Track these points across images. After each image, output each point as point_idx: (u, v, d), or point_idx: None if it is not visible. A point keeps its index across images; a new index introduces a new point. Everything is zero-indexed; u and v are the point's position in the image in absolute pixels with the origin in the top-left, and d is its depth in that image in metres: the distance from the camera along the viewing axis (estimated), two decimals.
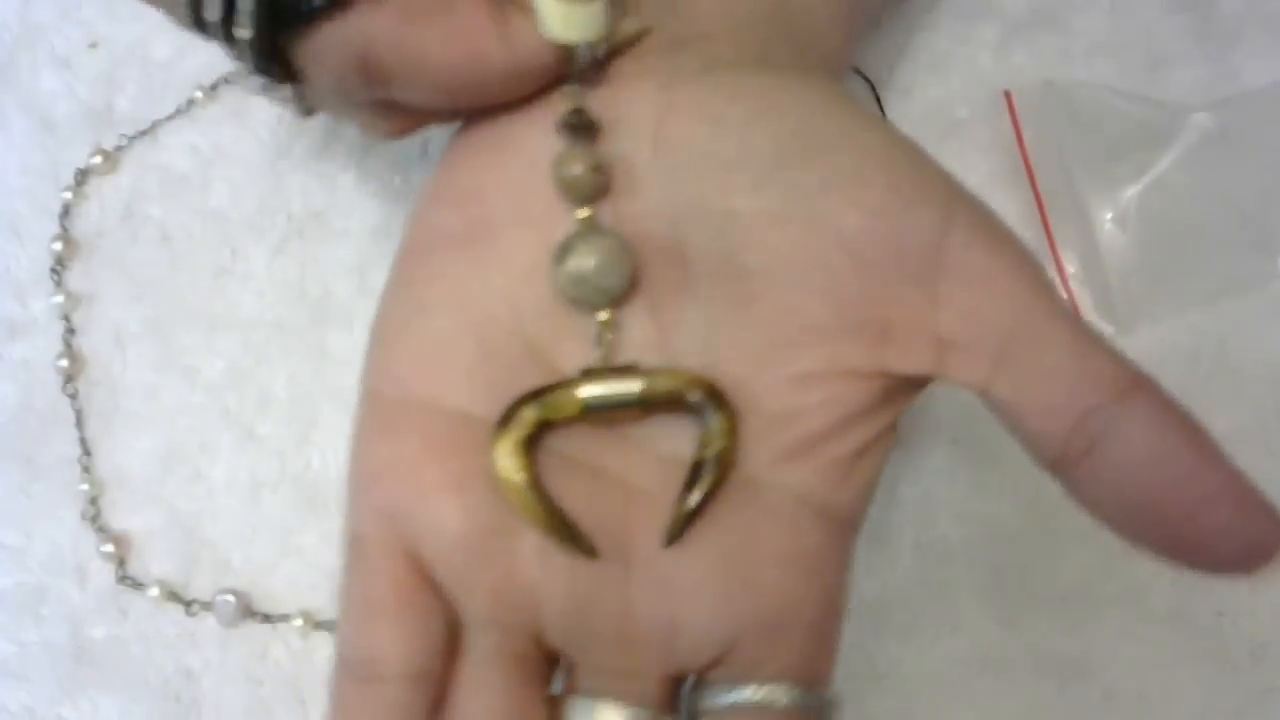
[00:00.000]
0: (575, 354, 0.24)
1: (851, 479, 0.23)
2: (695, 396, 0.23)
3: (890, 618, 0.32)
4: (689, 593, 0.23)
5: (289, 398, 0.34)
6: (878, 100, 0.35)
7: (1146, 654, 0.32)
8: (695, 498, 0.23)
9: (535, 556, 0.23)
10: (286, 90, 0.24)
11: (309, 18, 0.22)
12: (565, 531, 0.23)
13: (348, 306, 0.34)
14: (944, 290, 0.22)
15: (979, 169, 0.35)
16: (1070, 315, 0.22)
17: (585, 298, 0.23)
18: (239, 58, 0.23)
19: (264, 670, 0.33)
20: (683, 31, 0.25)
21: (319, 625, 0.33)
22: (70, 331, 0.34)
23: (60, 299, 0.34)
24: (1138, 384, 0.22)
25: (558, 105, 0.24)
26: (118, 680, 0.32)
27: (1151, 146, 0.34)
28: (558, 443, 0.23)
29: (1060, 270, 0.34)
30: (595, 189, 0.23)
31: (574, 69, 0.24)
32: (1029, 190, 0.34)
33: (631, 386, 0.23)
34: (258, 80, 0.23)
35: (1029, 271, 0.23)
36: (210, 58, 0.36)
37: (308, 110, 0.25)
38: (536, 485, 0.23)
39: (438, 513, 0.23)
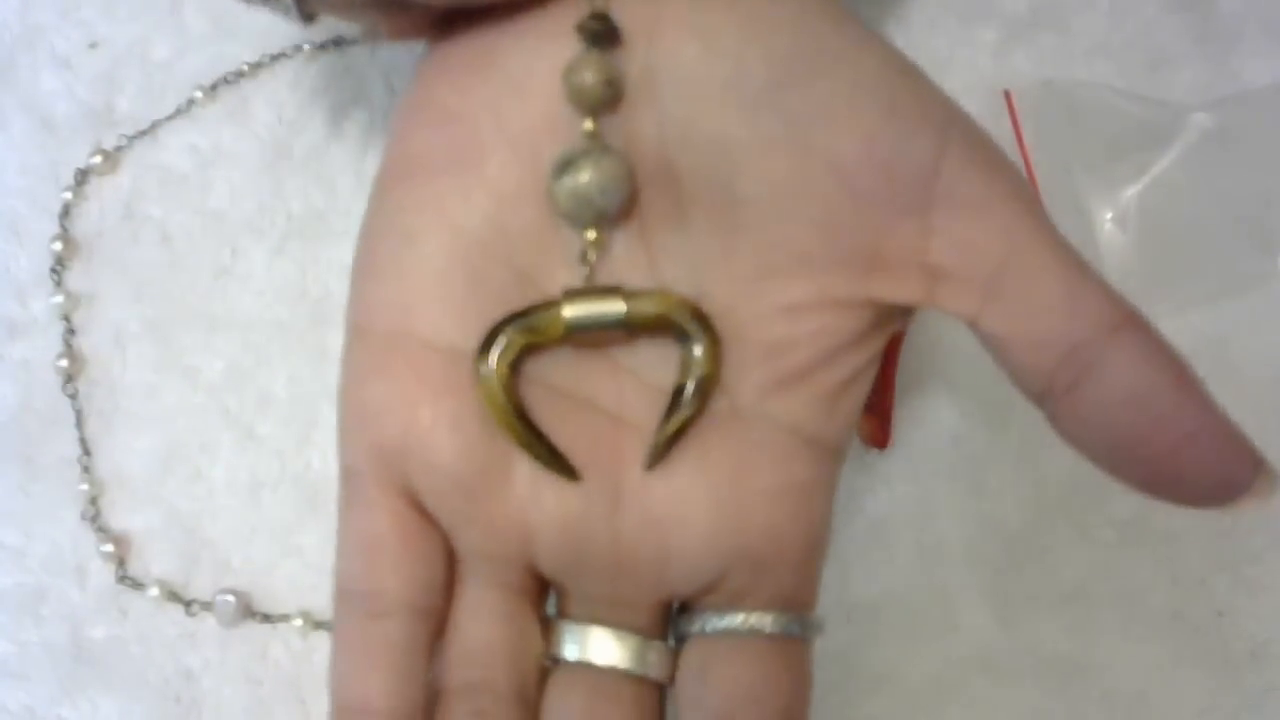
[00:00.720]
0: (566, 279, 0.23)
1: (839, 408, 0.23)
2: (681, 320, 0.23)
3: (890, 618, 0.32)
4: (679, 523, 0.23)
5: (289, 398, 0.34)
6: None
7: (1146, 654, 0.32)
8: (675, 423, 0.23)
9: (528, 490, 0.23)
10: None
11: None
12: (548, 454, 0.23)
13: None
14: (936, 219, 0.22)
15: None
16: (1063, 246, 0.22)
17: (579, 215, 0.23)
18: None
19: (264, 670, 0.33)
20: None
21: (319, 625, 0.33)
22: (70, 331, 0.34)
23: (60, 299, 0.34)
24: (1127, 320, 0.22)
25: (546, 18, 0.23)
26: (117, 680, 0.32)
27: (1151, 146, 0.34)
28: (546, 370, 0.23)
29: None
30: (605, 101, 0.22)
31: None
32: None
33: (615, 307, 0.22)
34: None
35: (1023, 200, 0.22)
36: (210, 58, 0.36)
37: (308, 16, 0.24)
38: (520, 410, 0.23)
39: (432, 450, 0.23)
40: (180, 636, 0.33)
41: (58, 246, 0.34)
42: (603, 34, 0.22)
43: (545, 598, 0.25)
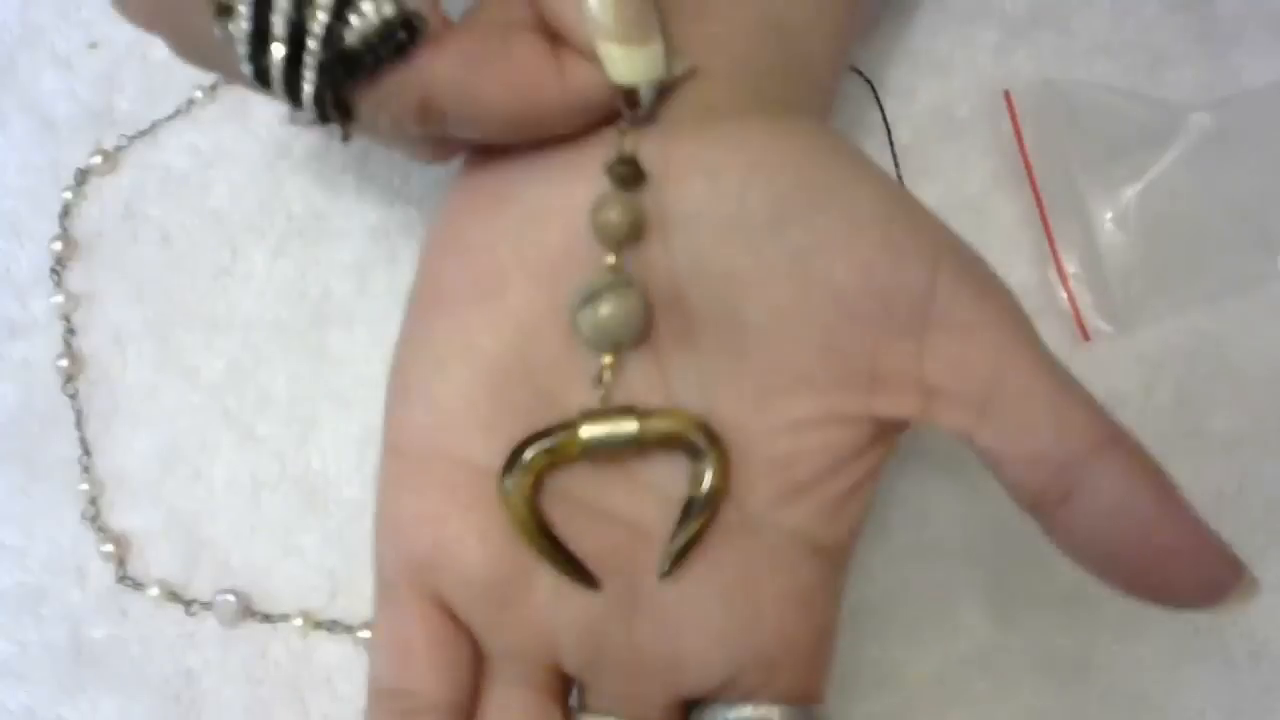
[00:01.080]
0: (584, 398, 0.25)
1: (843, 516, 0.25)
2: (691, 436, 0.24)
3: (890, 618, 0.32)
4: (692, 628, 0.25)
5: (289, 398, 0.34)
6: (878, 100, 0.35)
7: (1146, 654, 0.32)
8: (686, 533, 0.24)
9: (551, 597, 0.25)
10: (334, 125, 0.24)
11: (375, 68, 0.22)
12: (570, 566, 0.24)
13: (348, 306, 0.34)
14: (931, 340, 0.23)
15: (979, 169, 0.35)
16: (1053, 364, 0.24)
17: (600, 343, 0.24)
18: (297, 107, 0.23)
19: (264, 670, 0.33)
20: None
21: (319, 625, 0.33)
22: (70, 331, 0.34)
23: (60, 299, 0.34)
24: (1112, 438, 0.23)
25: (566, 153, 0.24)
26: (117, 680, 0.32)
27: (1151, 146, 0.34)
28: (565, 483, 0.25)
29: (1060, 270, 0.34)
30: (628, 238, 0.24)
31: (639, 110, 0.24)
32: (1029, 190, 0.34)
33: (629, 427, 0.24)
34: (306, 117, 0.23)
35: (1013, 320, 0.24)
36: None
37: (347, 137, 0.25)
38: (543, 524, 0.24)
39: (461, 560, 0.24)
40: (180, 636, 0.33)
41: (58, 246, 0.34)
42: (630, 177, 0.24)
43: (569, 691, 0.26)
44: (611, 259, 0.24)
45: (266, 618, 0.33)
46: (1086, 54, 0.35)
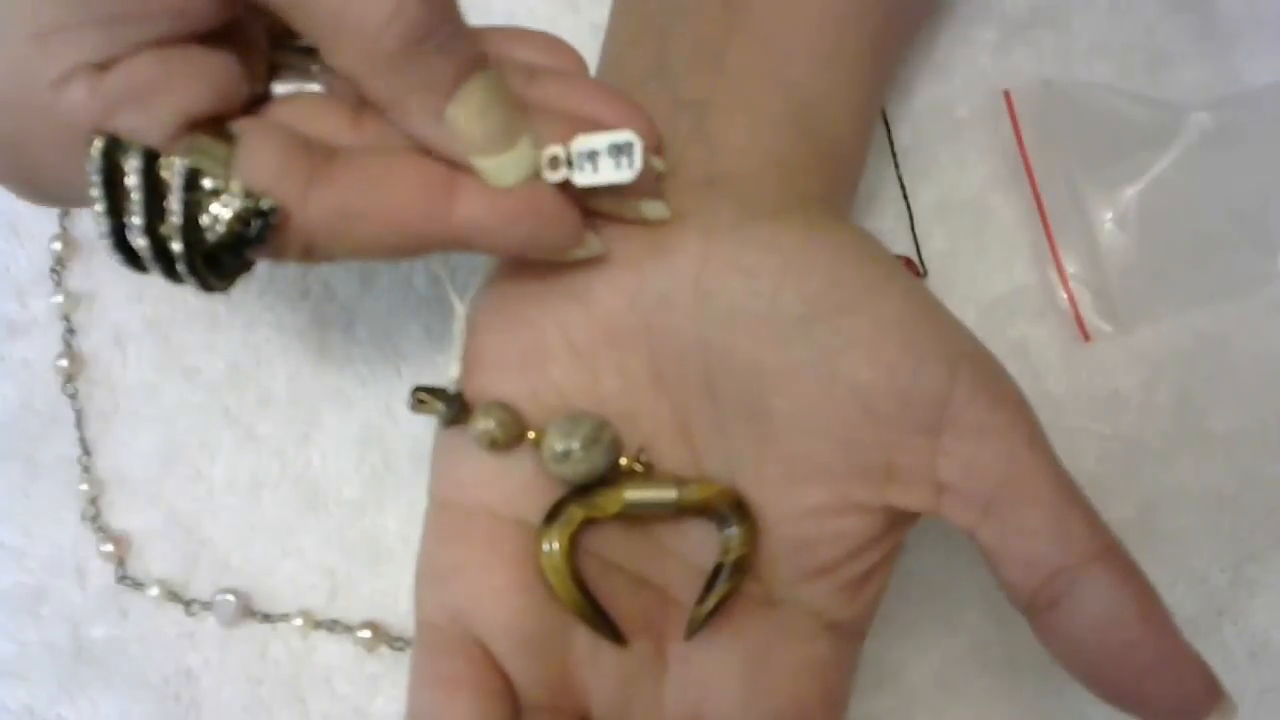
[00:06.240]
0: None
1: (860, 596, 0.26)
2: (722, 507, 0.25)
3: (890, 618, 0.32)
4: (715, 691, 0.26)
5: (289, 398, 0.34)
6: None
7: None
8: (714, 598, 0.25)
9: (587, 653, 0.26)
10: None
11: (240, 253, 0.22)
12: (600, 621, 0.25)
13: (348, 306, 0.34)
14: (945, 441, 0.24)
15: (979, 169, 0.35)
16: (1059, 473, 0.25)
17: (580, 481, 0.25)
18: (176, 282, 0.23)
19: (264, 670, 0.33)
20: (716, 169, 0.26)
21: (319, 625, 0.33)
22: (70, 331, 0.34)
23: (60, 299, 0.34)
24: (1106, 550, 0.24)
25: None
26: (117, 680, 0.32)
27: (1151, 146, 0.34)
28: (598, 545, 0.26)
29: (1060, 270, 0.34)
30: (508, 439, 0.25)
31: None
32: (1029, 190, 0.34)
33: (668, 494, 0.25)
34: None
35: (1026, 429, 0.25)
36: None
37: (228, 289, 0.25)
38: (577, 578, 0.25)
39: (503, 613, 0.25)
40: (180, 636, 0.33)
41: (58, 246, 0.34)
42: (450, 418, 0.25)
43: None
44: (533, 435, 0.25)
45: (266, 618, 0.33)
46: (1086, 54, 0.35)
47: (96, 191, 0.21)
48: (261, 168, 0.21)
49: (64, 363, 0.34)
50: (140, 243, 0.22)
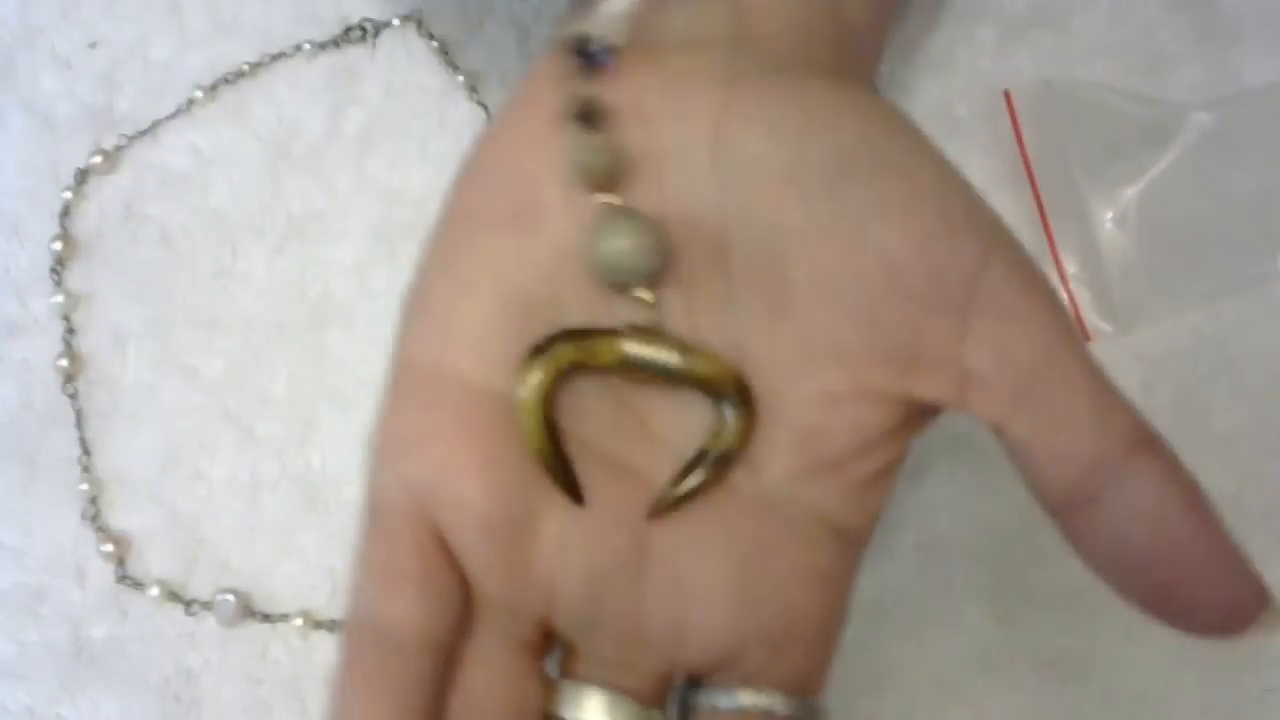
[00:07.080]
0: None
1: (867, 499, 0.24)
2: (725, 386, 0.23)
3: (890, 618, 0.32)
4: (701, 597, 0.23)
5: (289, 398, 0.34)
6: None
7: (1146, 654, 0.32)
8: (686, 487, 0.23)
9: (556, 545, 0.23)
10: None
11: None
12: (560, 470, 0.23)
13: (348, 306, 0.34)
14: (974, 324, 0.22)
15: (979, 169, 0.35)
16: (1093, 364, 0.23)
17: (620, 280, 0.23)
18: None
19: (264, 670, 0.33)
20: (743, 29, 0.24)
21: (319, 625, 0.33)
22: (70, 331, 0.34)
23: (60, 299, 0.34)
24: (1149, 441, 0.22)
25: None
26: (117, 680, 0.32)
27: (1151, 146, 0.34)
28: (582, 424, 0.23)
29: (1060, 270, 0.34)
30: (611, 175, 0.23)
31: (594, 59, 0.23)
32: (1029, 190, 0.34)
33: (670, 357, 0.23)
34: None
35: (1059, 316, 0.23)
36: (210, 58, 0.36)
37: None
38: (550, 423, 0.23)
39: (465, 490, 0.23)
40: (180, 636, 0.33)
41: (58, 246, 0.34)
42: (588, 116, 0.23)
43: (549, 652, 0.25)
44: (608, 198, 0.23)
45: (266, 618, 0.33)
46: (1086, 54, 0.35)
47: None
48: None
49: (64, 363, 0.34)
50: None
